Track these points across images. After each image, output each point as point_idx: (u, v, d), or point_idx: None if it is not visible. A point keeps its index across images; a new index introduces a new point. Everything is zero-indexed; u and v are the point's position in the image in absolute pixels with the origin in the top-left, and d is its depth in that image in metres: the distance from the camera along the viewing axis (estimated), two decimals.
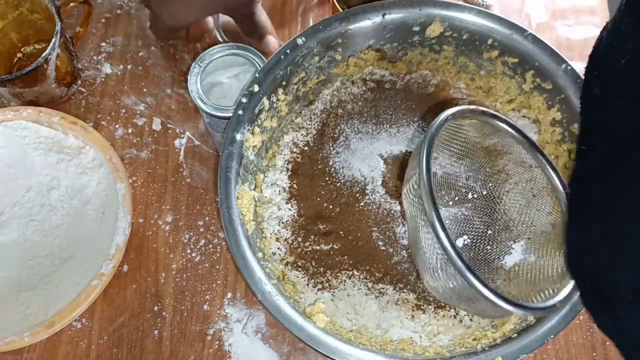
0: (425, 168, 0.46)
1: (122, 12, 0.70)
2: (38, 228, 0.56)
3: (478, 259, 0.56)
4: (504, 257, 0.55)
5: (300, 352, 0.57)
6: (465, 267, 0.43)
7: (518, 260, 0.55)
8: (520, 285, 0.52)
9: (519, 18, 0.72)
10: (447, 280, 0.47)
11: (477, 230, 0.57)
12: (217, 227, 0.61)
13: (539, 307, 0.45)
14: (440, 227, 0.44)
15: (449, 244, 0.43)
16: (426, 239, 0.47)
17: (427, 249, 0.47)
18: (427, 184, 0.45)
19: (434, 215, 0.44)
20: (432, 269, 0.48)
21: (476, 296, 0.44)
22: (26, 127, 0.58)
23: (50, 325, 0.52)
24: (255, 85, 0.53)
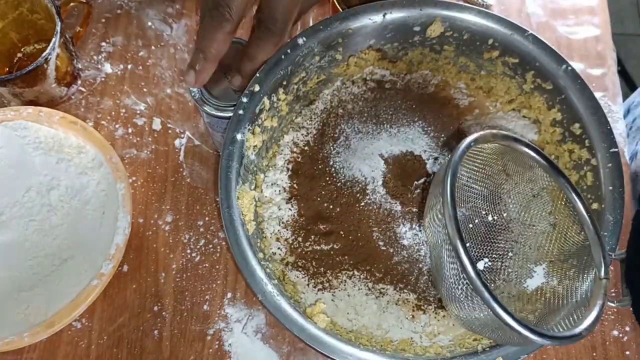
0: (450, 197, 0.45)
1: (122, 12, 0.70)
2: (38, 228, 0.56)
3: (499, 282, 0.55)
4: (526, 280, 0.55)
5: (300, 352, 0.57)
6: (492, 299, 0.42)
7: (540, 283, 0.54)
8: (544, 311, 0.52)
9: (519, 18, 0.72)
10: (473, 311, 0.46)
11: (498, 253, 0.56)
12: (217, 227, 0.61)
13: (565, 336, 0.45)
14: (467, 258, 0.43)
15: (475, 275, 0.43)
16: (451, 269, 0.46)
17: (452, 279, 0.47)
18: (452, 214, 0.44)
19: (459, 245, 0.43)
20: (457, 299, 0.47)
21: (502, 327, 0.43)
22: (26, 126, 0.58)
23: (50, 325, 0.52)
24: (255, 84, 0.53)
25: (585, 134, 0.55)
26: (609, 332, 0.59)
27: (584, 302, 0.49)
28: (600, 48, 0.70)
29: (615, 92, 0.68)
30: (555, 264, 0.54)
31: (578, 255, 0.52)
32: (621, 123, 0.67)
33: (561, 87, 0.56)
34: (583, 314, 0.47)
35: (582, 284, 0.50)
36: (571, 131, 0.56)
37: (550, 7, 0.73)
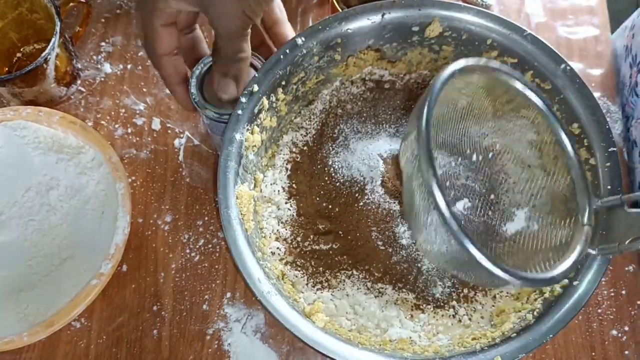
0: (425, 122, 0.42)
1: (122, 12, 0.70)
2: (37, 228, 0.56)
3: (478, 223, 0.54)
4: (506, 223, 0.53)
5: (300, 351, 0.57)
6: (461, 232, 0.40)
7: (520, 227, 0.53)
8: (521, 254, 0.51)
9: (518, 18, 0.72)
10: (442, 245, 0.44)
11: (479, 194, 0.55)
12: (216, 226, 0.61)
13: (537, 279, 0.43)
14: (437, 188, 0.41)
15: (444, 206, 0.41)
16: (422, 199, 0.44)
17: (422, 211, 0.45)
18: (425, 140, 0.42)
19: (431, 174, 0.41)
20: (427, 231, 0.45)
21: (472, 263, 0.41)
22: (25, 126, 0.58)
23: (49, 324, 0.52)
24: (254, 84, 0.53)
25: (584, 134, 0.55)
26: (607, 332, 0.59)
27: (564, 248, 0.47)
28: (600, 48, 0.70)
29: (614, 92, 0.68)
30: (538, 208, 0.52)
31: (562, 200, 0.50)
32: (620, 123, 0.67)
33: (560, 87, 0.56)
34: (561, 259, 0.45)
35: (563, 230, 0.48)
36: (570, 131, 0.56)
37: (550, 7, 0.73)
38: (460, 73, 0.46)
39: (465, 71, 0.46)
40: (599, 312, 0.59)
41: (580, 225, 0.47)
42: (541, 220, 0.52)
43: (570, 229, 0.48)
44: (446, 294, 0.56)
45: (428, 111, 0.43)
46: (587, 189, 0.47)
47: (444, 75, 0.45)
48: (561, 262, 0.45)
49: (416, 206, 0.46)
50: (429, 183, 0.41)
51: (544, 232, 0.50)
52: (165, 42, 0.48)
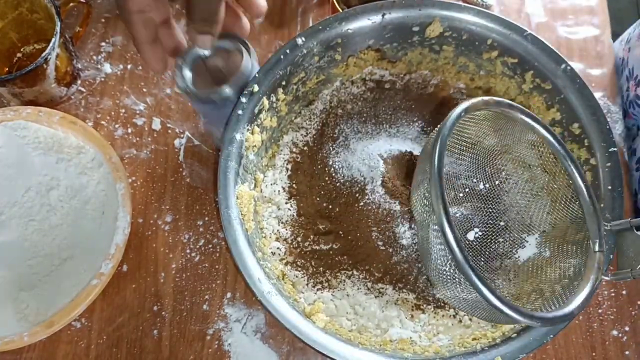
0: (437, 176, 0.42)
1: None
2: (37, 228, 0.56)
3: (490, 252, 0.54)
4: (517, 251, 0.53)
5: (300, 351, 0.57)
6: (480, 282, 0.41)
7: (532, 254, 0.52)
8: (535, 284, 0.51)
9: (518, 18, 0.72)
10: (461, 292, 0.45)
11: (488, 222, 0.55)
12: (216, 226, 0.61)
13: (557, 317, 0.43)
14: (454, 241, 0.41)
15: (462, 258, 0.41)
16: (438, 250, 0.45)
17: (439, 260, 0.45)
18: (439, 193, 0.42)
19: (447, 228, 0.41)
20: (445, 279, 0.46)
21: (491, 308, 0.42)
22: (26, 126, 0.58)
23: (49, 325, 0.52)
24: (254, 85, 0.53)
25: (585, 134, 0.55)
26: (608, 332, 0.59)
27: (578, 276, 0.47)
28: (600, 48, 0.70)
29: (614, 92, 0.68)
30: (549, 234, 0.52)
31: (572, 227, 0.50)
32: (620, 123, 0.67)
33: (560, 87, 0.56)
34: (576, 289, 0.45)
35: (575, 257, 0.49)
36: (570, 131, 0.56)
37: (550, 7, 0.73)
38: (465, 113, 0.46)
39: (469, 110, 0.46)
40: (600, 312, 0.59)
41: (592, 252, 0.47)
42: (552, 247, 0.52)
43: (582, 255, 0.48)
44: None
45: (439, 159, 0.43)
46: (597, 214, 0.47)
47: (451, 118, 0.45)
48: (577, 292, 0.45)
49: (433, 256, 0.46)
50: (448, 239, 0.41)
51: (556, 260, 0.50)
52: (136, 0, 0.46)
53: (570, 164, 0.49)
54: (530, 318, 0.41)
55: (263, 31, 0.69)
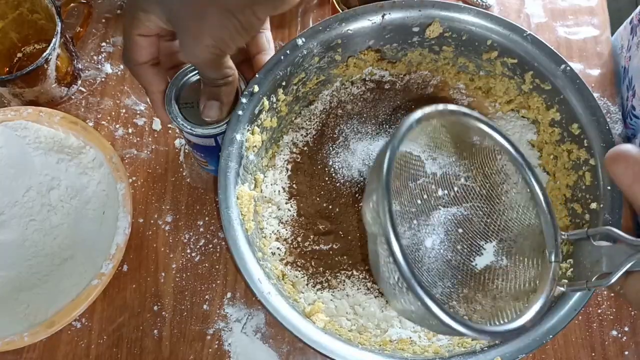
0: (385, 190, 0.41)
1: (122, 12, 0.70)
2: (38, 228, 0.57)
3: (446, 260, 0.53)
4: (475, 258, 0.52)
5: (300, 351, 0.57)
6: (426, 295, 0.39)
7: (489, 262, 0.52)
8: (490, 294, 0.50)
9: (518, 19, 0.72)
10: (410, 305, 0.43)
11: (446, 229, 0.54)
12: (216, 227, 0.61)
13: (507, 330, 0.42)
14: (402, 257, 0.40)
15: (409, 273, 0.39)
16: (386, 263, 0.43)
17: (387, 274, 0.44)
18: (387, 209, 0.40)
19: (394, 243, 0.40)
20: (394, 293, 0.44)
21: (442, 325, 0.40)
22: (26, 127, 0.58)
23: (50, 325, 0.52)
24: (255, 85, 0.53)
25: (584, 134, 0.55)
26: (607, 332, 0.59)
27: (533, 287, 0.46)
28: (600, 48, 0.70)
29: (614, 92, 0.68)
30: (506, 242, 0.51)
31: (530, 236, 0.49)
32: (620, 124, 0.67)
33: (560, 87, 0.56)
34: (531, 300, 0.44)
35: (532, 267, 0.47)
36: (570, 131, 0.57)
37: (550, 8, 0.73)
38: (417, 124, 0.44)
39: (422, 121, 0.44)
40: (599, 312, 0.60)
41: (547, 262, 0.45)
42: (510, 256, 0.51)
43: (538, 266, 0.47)
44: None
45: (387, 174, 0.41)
46: (553, 224, 0.46)
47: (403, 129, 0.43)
48: (530, 305, 0.43)
49: (381, 270, 0.44)
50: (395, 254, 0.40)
51: (513, 269, 0.49)
52: (143, 51, 0.46)
53: (528, 172, 0.47)
54: (479, 332, 0.40)
55: None
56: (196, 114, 0.52)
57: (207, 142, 0.54)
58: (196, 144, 0.54)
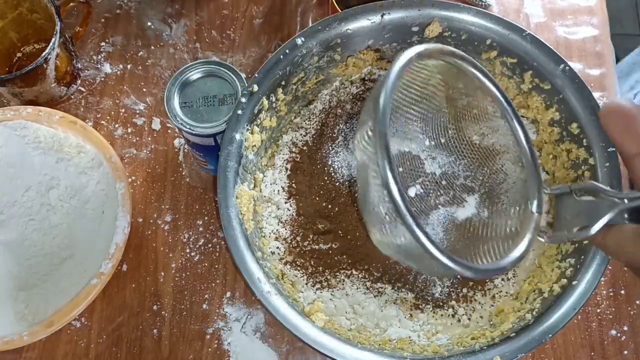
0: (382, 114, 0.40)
1: (122, 12, 0.70)
2: (37, 227, 0.57)
3: (428, 209, 0.53)
4: (456, 209, 0.53)
5: (299, 351, 0.57)
6: (415, 225, 0.39)
7: (470, 214, 0.52)
8: (471, 241, 0.50)
9: (517, 18, 0.72)
10: (396, 236, 0.43)
11: (431, 179, 0.54)
12: (216, 226, 0.62)
13: (488, 269, 0.42)
14: (393, 182, 0.39)
15: (400, 199, 0.39)
16: (375, 191, 0.43)
17: (376, 202, 0.43)
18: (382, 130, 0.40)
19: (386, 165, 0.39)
20: (381, 223, 0.43)
21: (424, 255, 0.40)
22: (26, 126, 0.58)
23: (49, 324, 0.52)
24: (254, 85, 0.53)
25: (583, 134, 0.55)
26: (607, 332, 0.59)
27: (513, 236, 0.46)
28: (599, 48, 0.70)
29: (613, 92, 0.68)
30: (489, 195, 0.52)
31: (513, 187, 0.49)
32: None
33: (559, 87, 0.56)
34: (510, 248, 0.44)
35: (513, 218, 0.48)
36: (569, 131, 0.57)
37: (549, 8, 0.73)
38: (418, 58, 0.44)
39: (422, 56, 0.45)
40: (598, 311, 0.60)
41: (530, 212, 0.45)
42: (491, 207, 0.51)
43: (519, 216, 0.47)
44: (445, 294, 0.57)
45: (385, 98, 0.41)
46: (538, 176, 0.46)
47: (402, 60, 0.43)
48: (511, 250, 0.43)
49: (370, 196, 0.44)
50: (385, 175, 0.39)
51: (494, 220, 0.49)
52: None
53: (516, 123, 0.47)
54: (462, 266, 0.40)
55: (263, 31, 0.69)
56: (195, 113, 0.52)
57: (207, 141, 0.54)
58: (195, 143, 0.54)
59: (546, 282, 0.54)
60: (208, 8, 0.70)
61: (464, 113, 0.53)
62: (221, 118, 0.52)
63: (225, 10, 0.70)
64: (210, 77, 0.54)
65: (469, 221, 0.52)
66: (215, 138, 0.53)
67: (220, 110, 0.53)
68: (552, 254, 0.56)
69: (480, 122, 0.52)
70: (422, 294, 0.56)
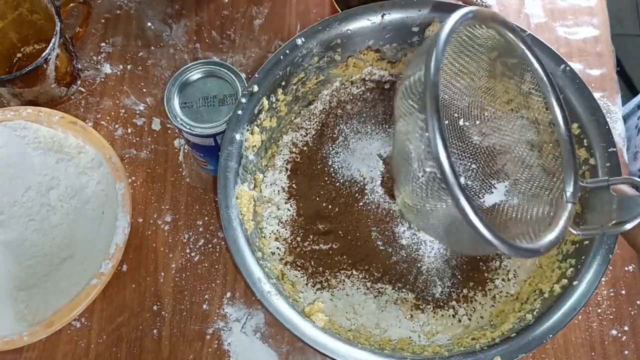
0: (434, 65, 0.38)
1: (122, 12, 0.70)
2: (37, 227, 0.57)
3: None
4: (484, 195, 0.51)
5: (299, 351, 0.57)
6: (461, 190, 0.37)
7: (499, 200, 0.51)
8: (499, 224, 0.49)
9: (518, 18, 0.72)
10: (429, 200, 0.41)
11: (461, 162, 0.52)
12: (216, 226, 0.61)
13: (524, 248, 0.41)
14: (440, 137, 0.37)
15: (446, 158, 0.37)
16: (417, 147, 0.40)
17: (416, 160, 0.40)
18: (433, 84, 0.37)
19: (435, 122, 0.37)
20: (416, 184, 0.41)
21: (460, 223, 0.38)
22: (26, 126, 0.58)
23: (49, 324, 0.52)
24: (254, 85, 0.53)
25: (584, 134, 0.55)
26: (607, 332, 0.59)
27: (544, 223, 0.45)
28: (599, 48, 0.70)
29: (614, 92, 0.68)
30: (520, 182, 0.50)
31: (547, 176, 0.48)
32: (620, 123, 0.67)
33: (560, 87, 0.56)
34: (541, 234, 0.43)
35: (545, 206, 0.47)
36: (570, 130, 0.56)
37: (549, 8, 0.73)
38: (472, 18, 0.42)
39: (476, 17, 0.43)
40: (599, 311, 0.60)
41: (564, 202, 0.45)
42: (522, 195, 0.49)
43: (552, 205, 0.46)
44: (446, 294, 0.57)
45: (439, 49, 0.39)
46: (575, 166, 0.45)
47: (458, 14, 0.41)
48: (543, 236, 0.42)
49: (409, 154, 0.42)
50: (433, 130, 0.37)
51: (524, 207, 0.48)
52: None
53: (559, 111, 0.47)
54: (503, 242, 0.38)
55: (263, 31, 0.69)
56: (195, 114, 0.52)
57: (207, 141, 0.54)
58: (195, 143, 0.55)
59: (547, 282, 0.54)
60: (208, 8, 0.70)
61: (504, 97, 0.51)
62: (221, 118, 0.52)
63: (225, 10, 0.70)
64: (210, 77, 0.54)
65: (497, 208, 0.50)
66: (215, 138, 0.53)
67: (220, 111, 0.53)
68: (552, 254, 0.56)
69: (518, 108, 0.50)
70: (423, 294, 0.56)
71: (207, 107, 0.53)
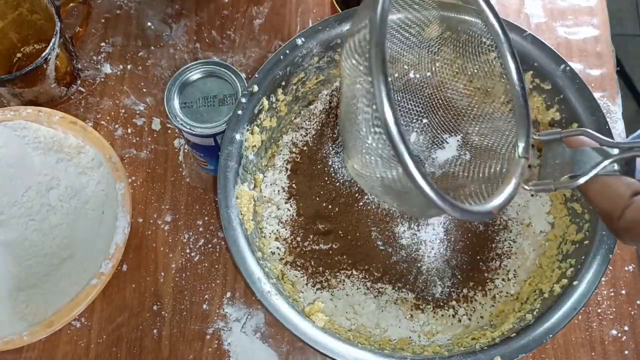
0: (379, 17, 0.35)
1: (122, 12, 0.70)
2: (37, 227, 0.57)
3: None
4: (435, 150, 0.49)
5: (299, 351, 0.57)
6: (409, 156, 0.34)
7: (451, 156, 0.49)
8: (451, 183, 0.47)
9: (517, 18, 0.72)
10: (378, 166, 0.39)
11: (411, 116, 0.49)
12: (216, 226, 0.61)
13: (475, 211, 0.38)
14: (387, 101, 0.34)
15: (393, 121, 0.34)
16: (365, 113, 0.37)
17: (362, 126, 0.38)
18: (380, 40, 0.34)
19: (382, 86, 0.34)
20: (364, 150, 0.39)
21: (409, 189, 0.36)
22: (26, 126, 0.58)
23: (49, 324, 0.52)
24: (254, 85, 0.53)
25: None
26: (607, 332, 0.59)
27: (496, 180, 0.43)
28: (599, 48, 0.70)
29: (614, 92, 0.68)
30: (472, 137, 0.48)
31: (500, 131, 0.46)
32: (620, 123, 0.67)
33: (560, 87, 0.56)
34: (492, 192, 0.41)
35: (497, 162, 0.45)
36: None
37: (549, 8, 0.73)
38: None
39: None
40: (599, 311, 0.60)
41: (516, 157, 0.43)
42: (474, 150, 0.47)
43: (504, 161, 0.44)
44: (446, 294, 0.57)
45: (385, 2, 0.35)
46: (527, 120, 0.43)
47: None
48: (495, 195, 0.40)
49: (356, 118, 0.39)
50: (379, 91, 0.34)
51: (476, 163, 0.46)
52: None
53: (511, 61, 0.44)
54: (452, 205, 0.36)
55: (263, 31, 0.69)
56: (195, 114, 0.52)
57: (207, 141, 0.54)
58: (195, 143, 0.55)
59: (547, 282, 0.54)
60: (208, 8, 0.70)
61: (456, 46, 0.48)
62: (221, 118, 0.52)
63: (225, 10, 0.70)
64: (210, 77, 0.54)
65: (449, 162, 0.48)
66: (215, 138, 0.53)
67: (220, 111, 0.53)
68: (552, 254, 0.56)
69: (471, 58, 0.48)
70: (423, 294, 0.56)
71: (207, 107, 0.53)
